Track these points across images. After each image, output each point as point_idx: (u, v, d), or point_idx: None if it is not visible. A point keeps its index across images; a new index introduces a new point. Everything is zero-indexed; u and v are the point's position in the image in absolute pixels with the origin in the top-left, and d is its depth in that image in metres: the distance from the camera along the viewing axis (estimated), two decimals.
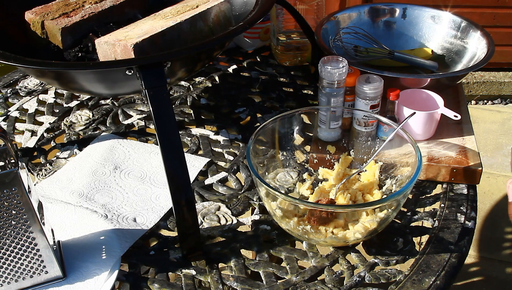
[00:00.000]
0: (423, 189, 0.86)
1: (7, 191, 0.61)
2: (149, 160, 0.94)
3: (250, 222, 0.81)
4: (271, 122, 0.82)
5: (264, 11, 0.85)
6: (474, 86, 2.68)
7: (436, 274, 0.71)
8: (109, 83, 0.79)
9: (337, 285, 0.71)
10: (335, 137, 0.90)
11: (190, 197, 0.70)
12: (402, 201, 0.72)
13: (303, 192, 0.84)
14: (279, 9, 1.15)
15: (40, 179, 0.91)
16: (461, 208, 0.82)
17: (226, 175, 0.91)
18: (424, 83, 0.93)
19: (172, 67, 0.77)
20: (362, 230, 0.72)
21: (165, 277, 0.73)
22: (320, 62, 0.85)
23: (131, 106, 1.12)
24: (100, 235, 0.77)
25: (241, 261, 0.75)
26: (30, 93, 1.18)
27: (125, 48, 0.77)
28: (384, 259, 0.74)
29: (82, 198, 0.85)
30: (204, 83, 1.19)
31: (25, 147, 1.00)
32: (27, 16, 0.90)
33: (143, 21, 0.88)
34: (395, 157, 0.81)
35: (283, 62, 1.24)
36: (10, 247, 0.65)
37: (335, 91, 0.86)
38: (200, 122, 1.06)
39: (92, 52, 0.86)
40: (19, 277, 0.68)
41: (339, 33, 1.06)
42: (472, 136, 0.91)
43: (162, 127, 0.68)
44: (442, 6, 1.15)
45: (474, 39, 1.05)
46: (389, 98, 0.86)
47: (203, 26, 0.87)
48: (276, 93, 1.14)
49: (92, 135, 1.02)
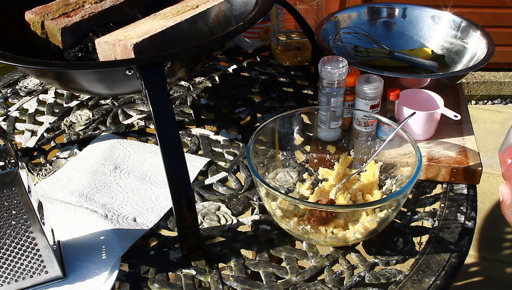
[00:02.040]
0: (423, 189, 0.86)
1: (7, 191, 0.61)
2: (149, 160, 0.94)
3: (250, 222, 0.81)
4: (271, 122, 0.82)
5: (264, 11, 0.85)
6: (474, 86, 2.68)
7: (436, 274, 0.71)
8: (109, 83, 0.79)
9: (337, 285, 0.71)
10: (335, 137, 0.90)
11: (190, 197, 0.70)
12: (402, 201, 0.72)
13: (303, 192, 0.84)
14: (279, 9, 1.15)
15: (40, 179, 0.91)
16: (461, 208, 0.82)
17: (226, 175, 0.91)
18: (424, 83, 0.93)
19: (172, 67, 0.77)
20: (362, 230, 0.72)
21: (165, 277, 0.73)
22: (320, 62, 0.85)
23: (131, 106, 1.12)
24: (100, 235, 0.77)
25: (241, 261, 0.75)
26: (30, 93, 1.18)
27: (125, 48, 0.77)
28: (384, 259, 0.74)
29: (82, 198, 0.85)
30: (204, 83, 1.19)
31: (25, 147, 1.00)
32: (27, 16, 0.90)
33: (143, 21, 0.88)
34: (395, 157, 0.81)
35: (283, 62, 1.24)
36: (10, 247, 0.65)
37: (335, 91, 0.86)
38: (200, 122, 1.06)
39: (92, 52, 0.86)
40: (19, 277, 0.68)
41: (339, 33, 1.06)
42: (472, 136, 0.91)
43: (162, 127, 0.68)
44: (442, 6, 1.15)
45: (474, 39, 1.05)
46: (389, 98, 0.86)
47: (203, 26, 0.87)
48: (276, 93, 1.14)
49: (92, 135, 1.02)
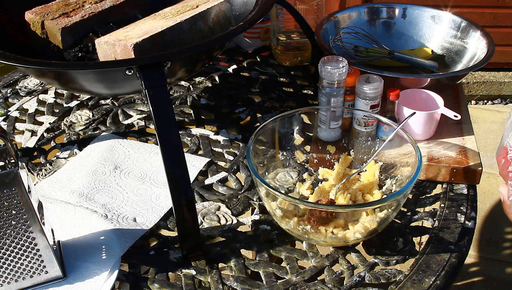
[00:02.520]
0: (423, 189, 0.86)
1: (7, 191, 0.61)
2: (149, 160, 0.94)
3: (250, 222, 0.81)
4: (271, 122, 0.82)
5: (264, 11, 0.85)
6: (474, 86, 2.68)
7: (436, 274, 0.71)
8: (109, 83, 0.79)
9: (337, 285, 0.71)
10: (335, 137, 0.90)
11: (190, 197, 0.70)
12: (402, 201, 0.72)
13: (303, 192, 0.84)
14: (279, 9, 1.15)
15: (40, 179, 0.91)
16: (461, 208, 0.82)
17: (226, 175, 0.91)
18: (424, 83, 0.93)
19: (172, 67, 0.77)
20: (362, 230, 0.72)
21: (165, 277, 0.73)
22: (320, 62, 0.85)
23: (131, 106, 1.12)
24: (100, 235, 0.77)
25: (241, 261, 0.75)
26: (30, 93, 1.18)
27: (125, 48, 0.77)
28: (384, 259, 0.74)
29: (82, 198, 0.85)
30: (204, 83, 1.19)
31: (25, 147, 1.00)
32: (27, 16, 0.90)
33: (143, 21, 0.88)
34: (395, 157, 0.81)
35: (283, 62, 1.24)
36: (10, 247, 0.65)
37: (335, 91, 0.86)
38: (200, 122, 1.06)
39: (92, 52, 0.86)
40: (19, 277, 0.68)
41: (339, 33, 1.06)
42: (472, 136, 0.91)
43: (162, 127, 0.68)
44: (442, 6, 1.15)
45: (474, 39, 1.05)
46: (389, 98, 0.86)
47: (203, 26, 0.87)
48: (276, 93, 1.14)
49: (92, 135, 1.02)
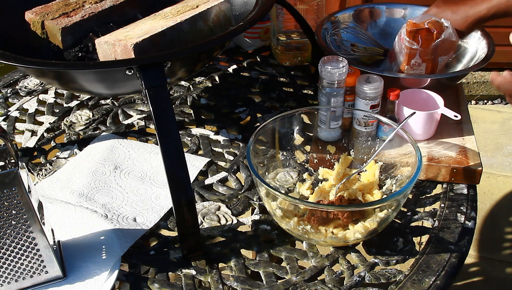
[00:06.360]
0: (423, 189, 0.86)
1: (7, 191, 0.61)
2: (149, 160, 0.94)
3: (250, 222, 0.81)
4: (271, 122, 0.82)
5: (264, 11, 0.85)
6: (474, 86, 2.68)
7: (436, 274, 0.71)
8: (109, 83, 0.79)
9: (337, 285, 0.71)
10: (335, 137, 0.90)
11: (190, 197, 0.70)
12: (402, 201, 0.72)
13: (303, 192, 0.84)
14: (279, 9, 1.15)
15: (40, 179, 0.91)
16: (461, 208, 0.82)
17: (226, 175, 0.91)
18: (424, 83, 0.93)
19: (172, 67, 0.77)
20: (362, 230, 0.72)
21: (165, 277, 0.73)
22: (320, 62, 0.85)
23: (131, 106, 1.12)
24: (100, 235, 0.77)
25: (241, 261, 0.75)
26: (30, 93, 1.18)
27: (125, 48, 0.77)
28: (384, 259, 0.74)
29: (82, 198, 0.85)
30: (204, 83, 1.19)
31: (25, 147, 1.00)
32: (27, 16, 0.90)
33: (143, 21, 0.88)
34: (395, 157, 0.81)
35: (283, 62, 1.24)
36: (10, 247, 0.65)
37: (335, 91, 0.86)
38: (200, 122, 1.06)
39: (92, 52, 0.86)
40: (19, 277, 0.68)
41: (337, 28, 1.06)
42: (472, 136, 0.91)
43: (162, 127, 0.68)
44: None
45: (474, 39, 1.05)
46: (389, 98, 0.86)
47: (203, 26, 0.87)
48: (276, 93, 1.14)
49: (92, 135, 1.02)
